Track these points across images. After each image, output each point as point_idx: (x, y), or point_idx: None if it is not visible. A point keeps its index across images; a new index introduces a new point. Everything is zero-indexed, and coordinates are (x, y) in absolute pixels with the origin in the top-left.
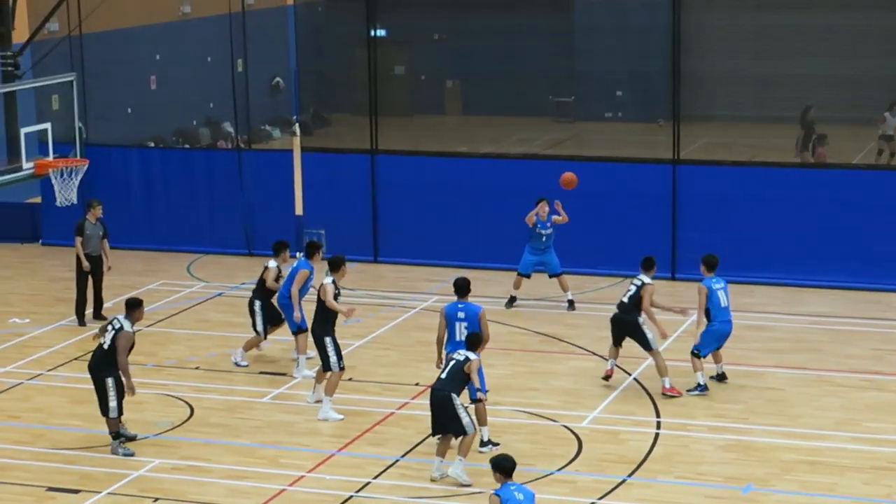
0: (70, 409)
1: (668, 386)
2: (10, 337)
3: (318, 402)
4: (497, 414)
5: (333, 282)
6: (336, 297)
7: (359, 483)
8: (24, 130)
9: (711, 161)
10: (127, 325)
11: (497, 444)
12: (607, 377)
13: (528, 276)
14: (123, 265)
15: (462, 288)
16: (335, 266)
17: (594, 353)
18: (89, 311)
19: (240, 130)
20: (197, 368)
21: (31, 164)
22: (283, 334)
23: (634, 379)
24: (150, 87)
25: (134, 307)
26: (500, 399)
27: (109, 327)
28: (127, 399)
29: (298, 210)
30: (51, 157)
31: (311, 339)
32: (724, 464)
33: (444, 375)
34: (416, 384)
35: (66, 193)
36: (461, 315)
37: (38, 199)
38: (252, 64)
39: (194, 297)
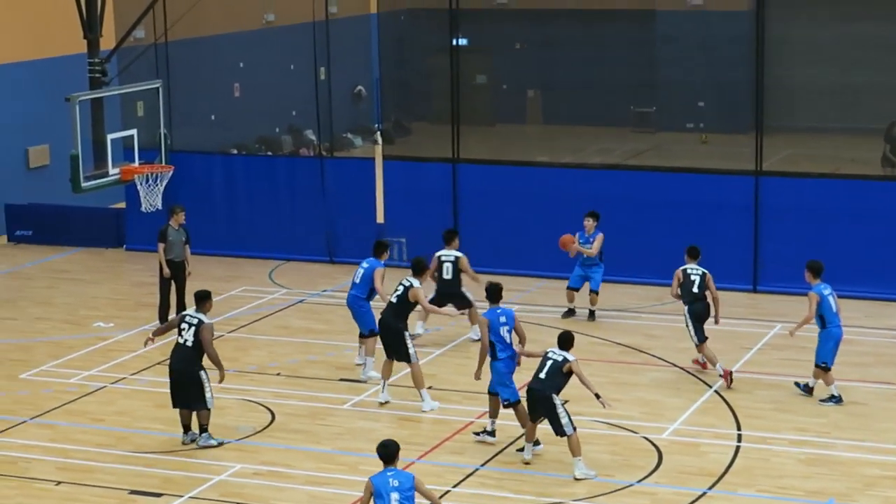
0: (153, 412)
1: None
2: (94, 341)
3: (387, 402)
4: (577, 424)
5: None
6: None
7: (438, 491)
8: (110, 136)
9: (795, 173)
10: (204, 318)
11: (492, 435)
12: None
13: (577, 290)
14: (206, 271)
15: (496, 293)
16: (419, 269)
17: (674, 365)
18: (172, 315)
19: (322, 138)
20: (278, 374)
21: (117, 170)
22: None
23: (715, 391)
24: (234, 94)
25: (204, 299)
26: (581, 409)
27: (185, 325)
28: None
29: (380, 218)
30: (136, 163)
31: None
32: (806, 478)
33: (542, 375)
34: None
35: (152, 199)
36: (503, 319)
37: (122, 205)
38: (335, 72)
39: (276, 304)
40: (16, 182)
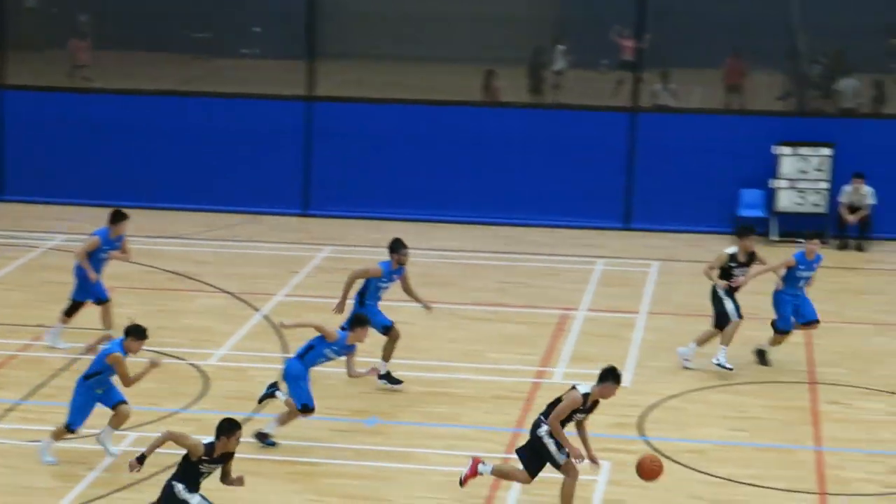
0: None
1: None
2: None
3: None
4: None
5: None
6: None
7: None
8: None
9: (346, 97)
10: None
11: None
12: None
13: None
14: None
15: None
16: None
17: (224, 290)
18: None
19: None
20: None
21: None
22: None
23: (264, 316)
24: None
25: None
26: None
27: None
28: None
29: None
30: None
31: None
32: (350, 397)
33: None
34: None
35: None
36: None
37: None
38: None
39: None
40: None
